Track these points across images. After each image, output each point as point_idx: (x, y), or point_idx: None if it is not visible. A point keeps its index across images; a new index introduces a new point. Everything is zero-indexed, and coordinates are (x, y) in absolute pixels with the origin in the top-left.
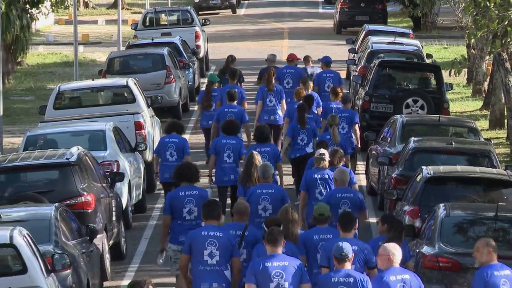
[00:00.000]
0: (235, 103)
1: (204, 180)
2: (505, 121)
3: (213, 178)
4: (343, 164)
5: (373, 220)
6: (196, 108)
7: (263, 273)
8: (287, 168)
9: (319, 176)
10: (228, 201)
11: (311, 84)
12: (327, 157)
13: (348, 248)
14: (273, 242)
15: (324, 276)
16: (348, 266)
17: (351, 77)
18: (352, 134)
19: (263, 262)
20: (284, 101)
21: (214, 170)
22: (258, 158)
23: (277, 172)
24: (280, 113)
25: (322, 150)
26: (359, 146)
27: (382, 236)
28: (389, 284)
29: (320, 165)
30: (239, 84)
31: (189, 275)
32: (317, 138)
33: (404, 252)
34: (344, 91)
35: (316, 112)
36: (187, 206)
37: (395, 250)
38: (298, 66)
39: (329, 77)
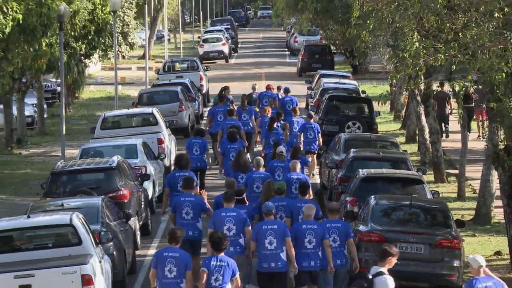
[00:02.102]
0: (234, 117)
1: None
2: (417, 137)
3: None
4: (305, 157)
5: None
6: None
7: (218, 219)
8: None
9: (278, 164)
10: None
11: (277, 104)
12: (284, 152)
13: (271, 206)
14: (227, 200)
15: (258, 225)
16: (271, 217)
17: (309, 107)
18: (317, 137)
19: (220, 212)
20: (253, 117)
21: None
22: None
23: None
24: (251, 124)
25: (281, 148)
26: (321, 144)
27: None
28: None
29: (280, 158)
30: (231, 106)
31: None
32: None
33: (348, 230)
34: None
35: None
36: (180, 182)
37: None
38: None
39: (289, 101)
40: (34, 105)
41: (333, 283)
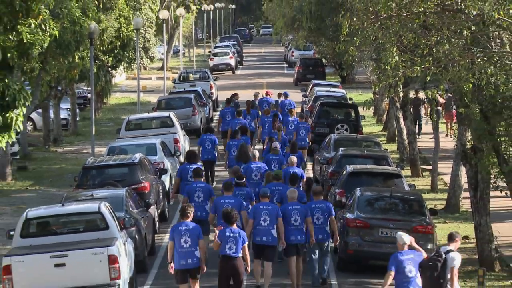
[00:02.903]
0: (241, 117)
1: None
2: (396, 138)
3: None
4: (299, 153)
5: None
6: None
7: (218, 205)
8: None
9: (274, 157)
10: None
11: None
12: (278, 148)
13: (267, 190)
14: (226, 189)
15: (255, 206)
16: (267, 200)
17: (304, 111)
18: (307, 136)
19: (219, 199)
20: (256, 119)
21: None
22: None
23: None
24: (253, 125)
25: (276, 144)
26: (310, 143)
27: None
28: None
29: (275, 152)
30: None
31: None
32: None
33: (329, 209)
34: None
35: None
36: (189, 173)
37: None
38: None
39: (288, 103)
40: (68, 109)
41: (318, 254)
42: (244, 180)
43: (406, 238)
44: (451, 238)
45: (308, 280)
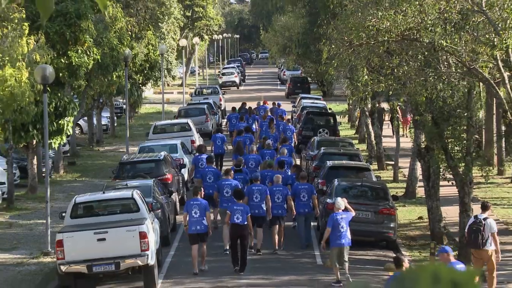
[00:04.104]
0: (243, 121)
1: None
2: (366, 140)
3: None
4: (290, 146)
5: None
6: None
7: (220, 186)
8: None
9: (267, 151)
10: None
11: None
12: (271, 144)
13: (258, 175)
14: (225, 174)
15: (249, 187)
16: (258, 182)
17: (293, 118)
18: (293, 135)
19: (221, 182)
20: (256, 122)
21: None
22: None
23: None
24: (254, 126)
25: (269, 141)
26: (296, 142)
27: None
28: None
29: (268, 147)
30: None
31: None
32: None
33: (312, 190)
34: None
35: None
36: (200, 161)
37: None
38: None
39: (280, 111)
40: (108, 117)
41: (304, 224)
42: (241, 167)
43: (342, 204)
44: (485, 207)
45: (290, 244)
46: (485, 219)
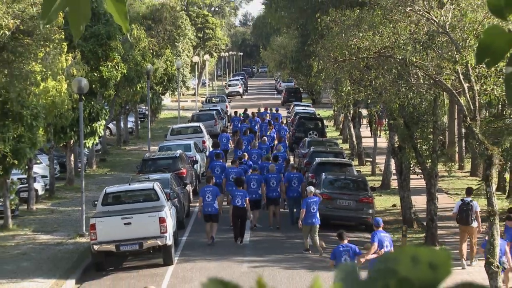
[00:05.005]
0: (245, 123)
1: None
2: (348, 140)
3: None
4: (284, 143)
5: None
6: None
7: (227, 173)
8: None
9: (263, 145)
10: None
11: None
12: (266, 140)
13: (254, 166)
14: (232, 163)
15: (248, 176)
16: (256, 172)
17: (288, 122)
18: (285, 134)
19: (228, 169)
20: (257, 124)
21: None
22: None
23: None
24: (255, 127)
25: (264, 138)
26: (288, 137)
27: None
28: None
29: (263, 142)
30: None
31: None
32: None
33: (302, 177)
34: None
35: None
36: (213, 155)
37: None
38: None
39: (277, 115)
40: (133, 121)
41: (293, 206)
42: (243, 160)
43: (313, 189)
44: (469, 192)
45: (283, 227)
46: (471, 201)
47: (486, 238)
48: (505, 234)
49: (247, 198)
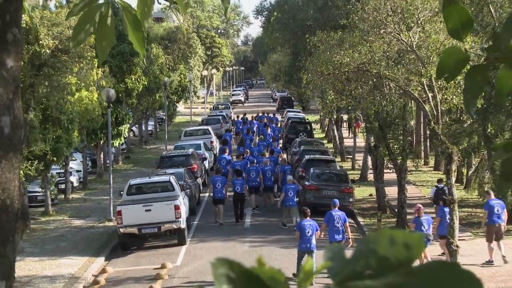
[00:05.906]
0: (246, 125)
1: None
2: (332, 140)
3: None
4: (278, 142)
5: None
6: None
7: (233, 166)
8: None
9: (261, 143)
10: None
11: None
12: (263, 138)
13: (253, 159)
14: (237, 158)
15: (248, 167)
16: (254, 164)
17: (281, 125)
18: (279, 135)
19: (234, 163)
20: (256, 126)
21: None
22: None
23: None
24: (254, 129)
25: (262, 136)
26: (280, 139)
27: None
28: None
29: (261, 139)
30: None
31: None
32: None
33: (292, 169)
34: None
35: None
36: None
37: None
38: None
39: (273, 118)
40: (153, 125)
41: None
42: (244, 156)
43: (291, 178)
44: (440, 180)
45: (278, 213)
46: (443, 187)
47: (428, 217)
48: (437, 212)
49: (245, 185)
